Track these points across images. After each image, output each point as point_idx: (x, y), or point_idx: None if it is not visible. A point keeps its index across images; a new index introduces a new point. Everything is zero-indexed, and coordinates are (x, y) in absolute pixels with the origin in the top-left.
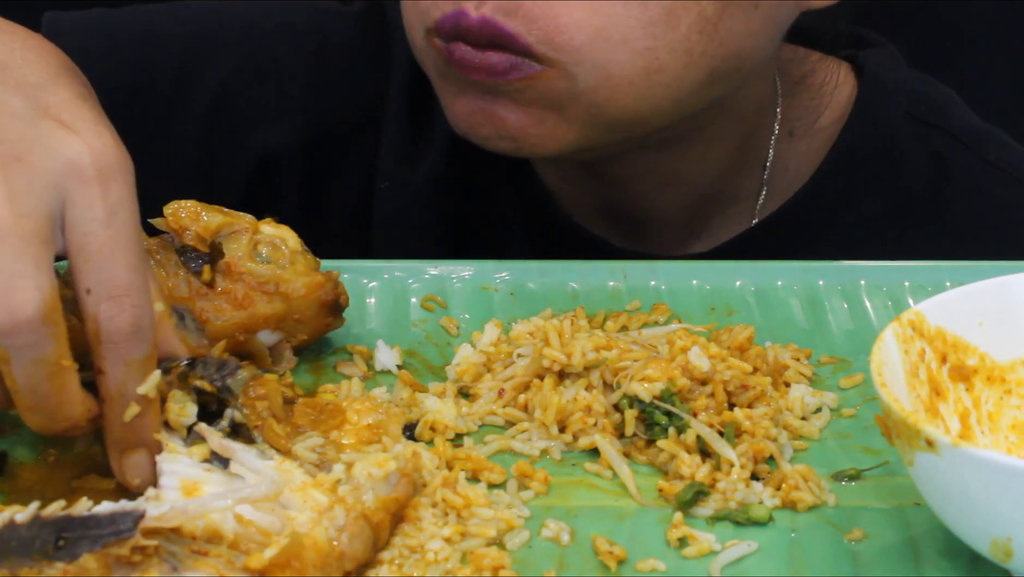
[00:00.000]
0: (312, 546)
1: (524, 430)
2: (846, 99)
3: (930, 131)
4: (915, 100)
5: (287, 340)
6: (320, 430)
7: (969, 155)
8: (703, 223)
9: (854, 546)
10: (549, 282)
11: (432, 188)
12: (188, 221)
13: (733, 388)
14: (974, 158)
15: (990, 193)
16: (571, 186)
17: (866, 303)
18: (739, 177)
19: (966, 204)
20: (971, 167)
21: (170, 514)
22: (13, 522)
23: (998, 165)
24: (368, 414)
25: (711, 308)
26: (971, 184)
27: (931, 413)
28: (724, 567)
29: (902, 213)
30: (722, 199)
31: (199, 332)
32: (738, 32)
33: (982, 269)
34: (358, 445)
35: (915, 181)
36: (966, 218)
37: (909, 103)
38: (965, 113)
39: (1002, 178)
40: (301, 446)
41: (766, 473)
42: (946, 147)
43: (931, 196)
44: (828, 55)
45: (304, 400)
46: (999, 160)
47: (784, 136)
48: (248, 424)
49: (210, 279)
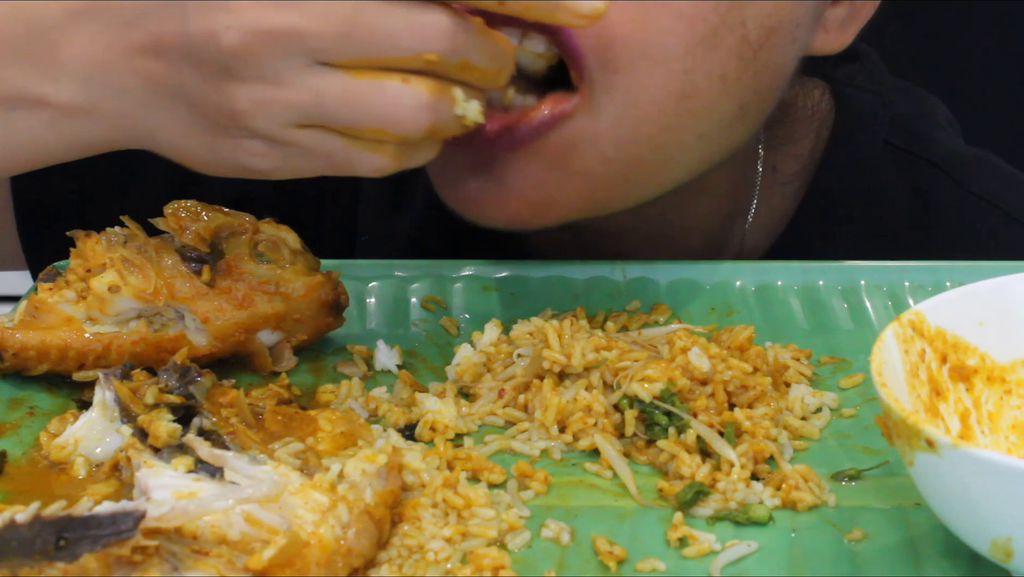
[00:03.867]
0: (318, 545)
1: (524, 430)
2: (823, 132)
3: (912, 161)
4: (895, 127)
5: (287, 340)
6: (295, 437)
7: (952, 185)
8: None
9: (854, 546)
10: (549, 282)
11: (414, 239)
12: (188, 221)
13: (733, 388)
14: (957, 188)
15: (972, 225)
16: (552, 245)
17: (866, 303)
18: (726, 231)
19: (948, 236)
20: (953, 198)
21: (171, 514)
22: (13, 522)
23: (982, 196)
24: (340, 423)
25: (711, 308)
26: (953, 215)
27: (931, 413)
28: (724, 567)
29: (884, 247)
30: (714, 244)
31: (199, 332)
32: (774, 65)
33: (982, 269)
34: (334, 450)
35: (896, 214)
36: (948, 250)
37: (889, 131)
38: (950, 137)
39: (985, 209)
40: (283, 452)
41: (766, 473)
42: (928, 177)
43: (913, 228)
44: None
45: (272, 408)
46: (983, 191)
47: (768, 172)
48: (219, 431)
49: (210, 279)
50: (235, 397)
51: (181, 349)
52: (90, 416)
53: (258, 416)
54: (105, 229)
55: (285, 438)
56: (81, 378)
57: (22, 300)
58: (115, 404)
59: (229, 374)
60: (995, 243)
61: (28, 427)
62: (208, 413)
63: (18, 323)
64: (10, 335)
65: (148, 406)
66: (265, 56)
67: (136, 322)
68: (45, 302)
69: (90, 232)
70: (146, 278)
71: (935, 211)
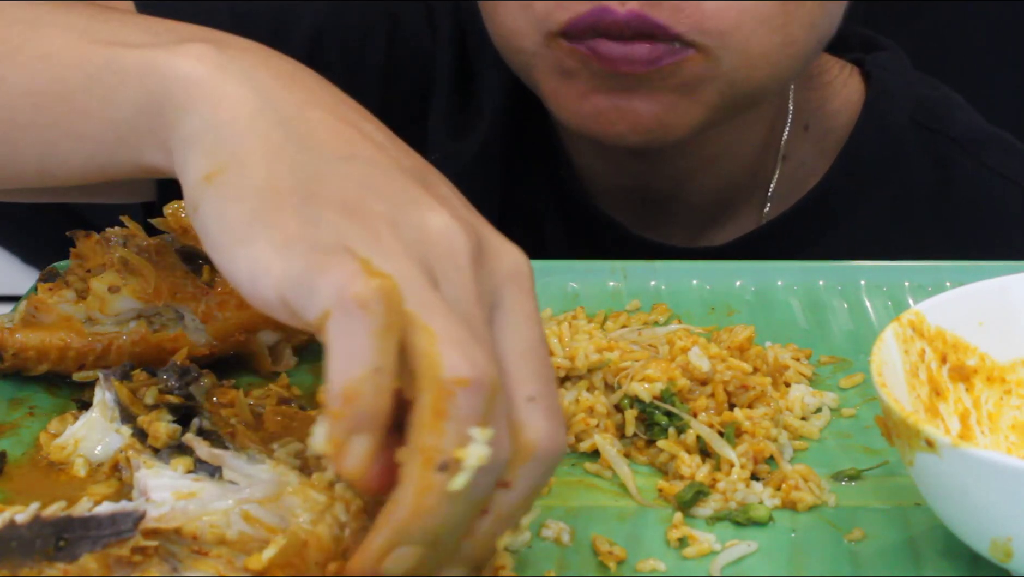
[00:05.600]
0: (316, 543)
1: None
2: (854, 103)
3: (933, 136)
4: (919, 106)
5: (287, 340)
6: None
7: (970, 160)
8: (719, 215)
9: (854, 546)
10: (549, 282)
11: (479, 161)
12: (188, 221)
13: (733, 388)
14: (975, 163)
15: (990, 198)
16: (603, 164)
17: (866, 303)
18: (761, 168)
19: (967, 209)
20: (971, 172)
21: (171, 515)
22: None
23: (998, 170)
24: None
25: (711, 308)
26: (971, 189)
27: (931, 413)
28: (724, 567)
29: (907, 216)
30: (742, 190)
31: (199, 332)
32: (837, 3)
33: (982, 269)
34: None
35: (919, 185)
36: (967, 222)
37: (914, 109)
38: (969, 117)
39: (1002, 183)
40: (283, 451)
41: (766, 473)
42: (948, 152)
43: (934, 200)
44: (836, 56)
45: (272, 408)
46: (999, 165)
47: (799, 129)
48: (218, 431)
49: (210, 279)
50: (235, 397)
51: (181, 349)
52: (90, 416)
53: (258, 416)
54: (105, 229)
55: (284, 438)
56: (81, 378)
57: (22, 300)
58: (115, 404)
59: (229, 374)
60: (1012, 215)
61: (28, 427)
62: (208, 413)
63: (18, 323)
64: (10, 335)
65: (148, 406)
66: (424, 250)
67: (136, 322)
68: (45, 302)
69: (90, 232)
70: (146, 278)
71: (954, 184)
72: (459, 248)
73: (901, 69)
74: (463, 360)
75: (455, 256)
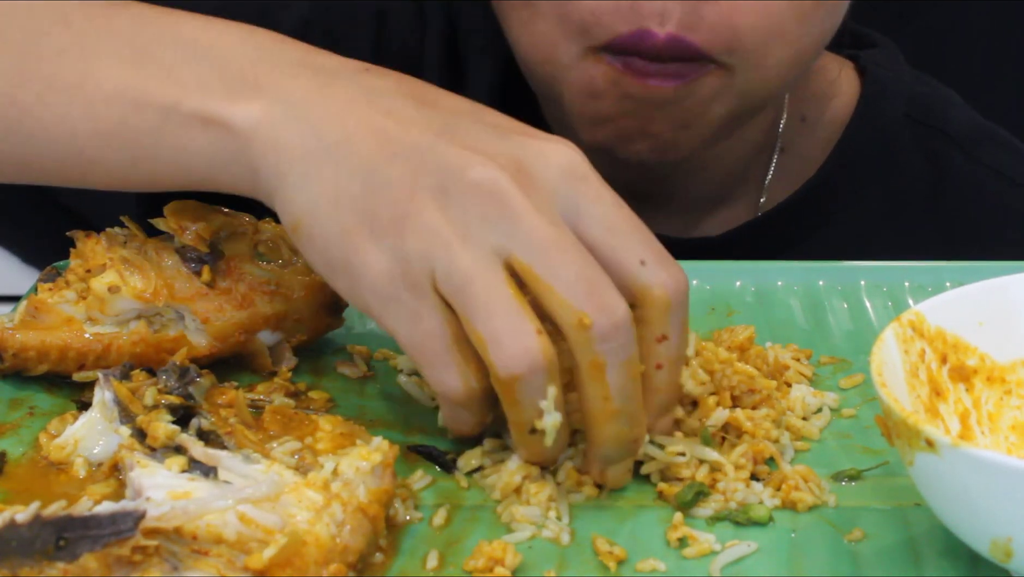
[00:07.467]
0: (314, 543)
1: None
2: (850, 97)
3: (928, 132)
4: (914, 101)
5: (287, 340)
6: (293, 436)
7: (964, 156)
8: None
9: (854, 546)
10: None
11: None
12: (188, 221)
13: (740, 392)
14: (969, 159)
15: (984, 194)
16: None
17: (866, 303)
18: (757, 163)
19: (961, 204)
20: (965, 168)
21: (171, 514)
22: (13, 522)
23: (992, 166)
24: (340, 424)
25: (711, 308)
26: (965, 185)
27: (931, 413)
28: (724, 567)
29: (901, 210)
30: (739, 181)
31: (199, 332)
32: (841, 9)
33: (982, 269)
34: (332, 449)
35: (913, 180)
36: (961, 218)
37: (908, 104)
38: (964, 113)
39: (995, 179)
40: (279, 451)
41: (766, 474)
42: (942, 148)
43: (928, 195)
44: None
45: (271, 408)
46: (994, 161)
47: (795, 121)
48: (218, 431)
49: (210, 279)
50: (234, 397)
51: (181, 349)
52: (90, 416)
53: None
54: (105, 229)
55: (283, 437)
56: (81, 378)
57: (22, 300)
58: (114, 404)
59: (229, 374)
60: (1005, 211)
61: (28, 427)
62: (207, 413)
63: (18, 323)
64: (10, 335)
65: (147, 407)
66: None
67: (136, 322)
68: (45, 302)
69: (90, 232)
70: (146, 278)
71: (948, 179)
72: (504, 189)
73: (896, 65)
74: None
75: (506, 202)
